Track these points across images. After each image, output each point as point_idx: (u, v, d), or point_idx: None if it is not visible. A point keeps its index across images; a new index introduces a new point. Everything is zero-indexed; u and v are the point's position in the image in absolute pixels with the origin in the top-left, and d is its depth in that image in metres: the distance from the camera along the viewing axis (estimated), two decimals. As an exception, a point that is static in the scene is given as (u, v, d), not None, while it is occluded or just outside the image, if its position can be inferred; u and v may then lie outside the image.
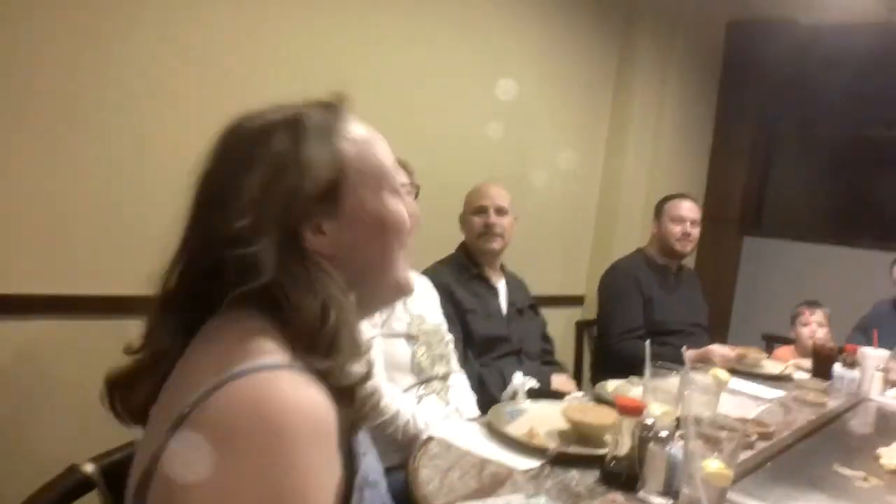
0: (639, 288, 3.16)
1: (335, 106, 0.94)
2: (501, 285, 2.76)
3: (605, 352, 3.19)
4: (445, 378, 2.21)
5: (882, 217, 4.74)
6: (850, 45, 4.14)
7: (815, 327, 3.35)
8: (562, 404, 1.91)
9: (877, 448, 1.89)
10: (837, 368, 2.68)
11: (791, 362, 3.05)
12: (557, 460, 1.58)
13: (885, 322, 3.31)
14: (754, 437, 1.85)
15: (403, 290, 0.97)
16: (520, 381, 2.18)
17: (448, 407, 2.14)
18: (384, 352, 2.06)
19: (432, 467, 1.49)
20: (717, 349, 2.85)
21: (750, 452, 1.77)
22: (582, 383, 3.25)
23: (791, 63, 4.68)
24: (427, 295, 2.34)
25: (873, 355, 2.65)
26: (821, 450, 1.98)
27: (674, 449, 1.43)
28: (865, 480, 1.69)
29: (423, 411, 2.01)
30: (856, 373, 2.64)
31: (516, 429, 1.74)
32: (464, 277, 2.62)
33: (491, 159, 3.35)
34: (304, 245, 0.85)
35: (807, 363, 2.96)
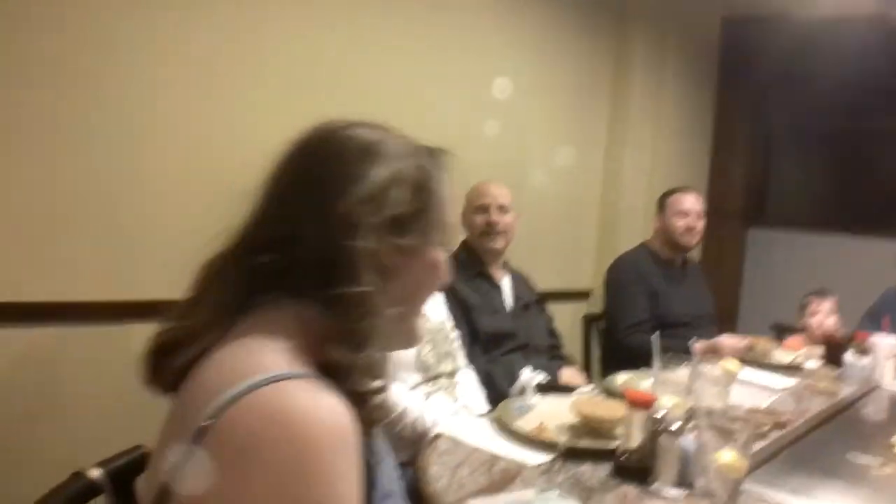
0: (644, 282, 3.13)
1: (443, 154, 0.98)
2: (506, 282, 2.74)
3: (613, 346, 3.18)
4: (453, 375, 2.19)
5: (885, 205, 4.71)
6: (845, 38, 4.12)
7: (825, 316, 3.32)
8: (571, 398, 1.89)
9: (891, 435, 1.87)
10: (848, 357, 2.66)
11: (802, 351, 3.02)
12: (568, 455, 1.55)
13: (896, 309, 3.29)
14: (767, 426, 1.83)
15: (413, 340, 0.99)
16: (528, 376, 2.16)
17: (456, 403, 2.12)
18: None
19: (441, 464, 1.47)
20: (727, 340, 2.82)
21: (763, 442, 1.75)
22: (591, 377, 3.22)
23: (787, 56, 4.66)
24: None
25: (884, 343, 2.63)
26: (835, 438, 1.96)
27: (686, 441, 1.42)
28: (881, 468, 1.67)
29: (431, 408, 1.99)
30: (867, 360, 2.62)
31: (526, 424, 1.72)
32: (467, 275, 2.60)
33: (491, 158, 3.32)
34: (381, 255, 0.86)
35: (817, 352, 2.93)
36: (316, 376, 0.79)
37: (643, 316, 3.06)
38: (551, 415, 1.79)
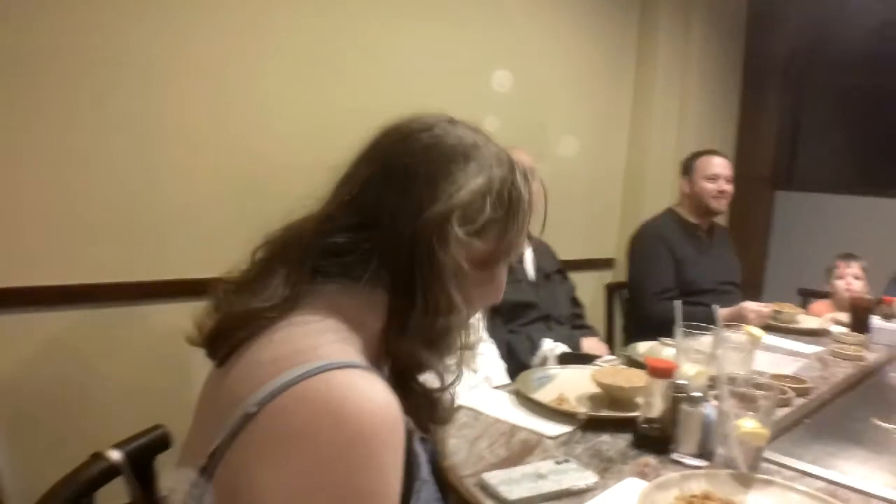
0: (669, 248, 3.09)
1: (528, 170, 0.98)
2: (528, 252, 2.72)
3: (637, 314, 3.15)
4: (473, 346, 2.18)
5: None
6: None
7: (852, 280, 3.27)
8: (592, 368, 1.88)
9: (918, 401, 1.84)
10: (876, 321, 2.62)
11: (828, 316, 2.99)
12: (588, 425, 1.55)
13: (924, 272, 3.23)
14: (791, 393, 1.81)
15: (453, 347, 1.00)
16: (549, 346, 2.16)
17: (477, 375, 2.12)
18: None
19: (461, 437, 1.47)
20: (751, 305, 2.79)
21: (787, 410, 1.74)
22: (614, 346, 3.21)
23: (816, 17, 4.55)
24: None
25: (913, 306, 2.59)
26: (860, 404, 1.93)
27: (707, 409, 1.40)
28: (907, 434, 1.65)
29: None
30: (895, 325, 2.58)
31: (546, 395, 1.72)
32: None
33: (513, 127, 3.30)
34: (459, 258, 0.87)
35: (844, 317, 2.89)
36: (369, 367, 0.78)
37: (668, 284, 3.03)
38: (571, 385, 1.79)
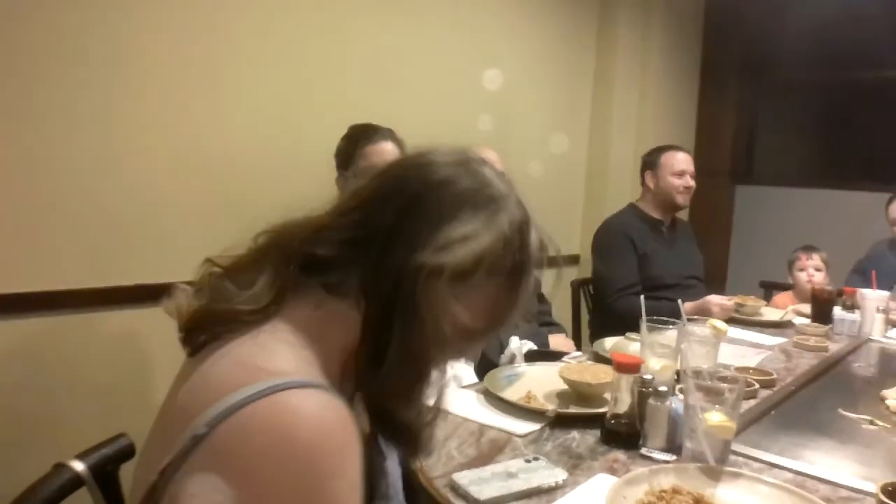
0: (632, 244, 3.10)
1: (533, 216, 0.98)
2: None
3: (602, 310, 3.16)
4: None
5: (873, 158, 4.70)
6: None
7: (813, 271, 3.32)
8: (559, 365, 1.87)
9: (881, 390, 1.86)
10: (837, 312, 2.66)
11: (790, 308, 3.02)
12: (557, 422, 1.54)
13: (883, 262, 3.29)
14: (756, 385, 1.82)
15: (426, 386, 0.94)
16: (517, 344, 2.14)
17: (446, 375, 2.10)
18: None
19: (429, 437, 1.45)
20: (715, 299, 2.81)
21: (753, 402, 1.75)
22: (581, 343, 3.22)
23: (773, 12, 4.61)
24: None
25: (873, 296, 2.63)
26: (825, 395, 1.95)
27: (675, 403, 1.40)
28: (872, 423, 1.67)
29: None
30: (856, 315, 2.62)
31: (514, 393, 1.70)
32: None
33: (474, 120, 3.29)
34: (444, 315, 0.84)
35: (806, 308, 2.93)
36: (324, 385, 0.76)
37: (632, 279, 3.04)
38: (539, 383, 1.78)
